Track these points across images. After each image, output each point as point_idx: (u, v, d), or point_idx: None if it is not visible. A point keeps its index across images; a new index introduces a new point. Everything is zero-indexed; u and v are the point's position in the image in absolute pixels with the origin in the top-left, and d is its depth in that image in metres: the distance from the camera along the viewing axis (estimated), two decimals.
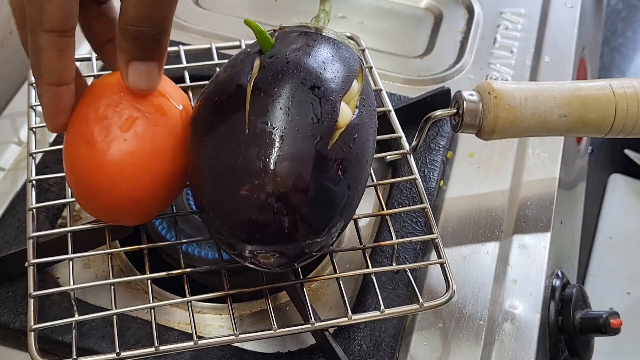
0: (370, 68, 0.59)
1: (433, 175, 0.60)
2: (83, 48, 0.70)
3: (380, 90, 0.57)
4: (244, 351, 0.50)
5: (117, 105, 0.44)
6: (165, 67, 0.59)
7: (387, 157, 0.58)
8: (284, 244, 0.41)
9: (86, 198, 0.46)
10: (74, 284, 0.47)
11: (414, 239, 0.52)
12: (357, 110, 0.45)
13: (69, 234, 0.49)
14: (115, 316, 0.46)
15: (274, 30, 0.49)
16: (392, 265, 0.51)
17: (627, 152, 1.12)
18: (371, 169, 0.54)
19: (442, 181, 0.62)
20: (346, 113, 0.44)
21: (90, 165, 0.44)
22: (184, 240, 0.50)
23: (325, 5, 0.51)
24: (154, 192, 0.45)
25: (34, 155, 0.53)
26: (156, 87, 0.44)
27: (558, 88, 0.54)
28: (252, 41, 0.61)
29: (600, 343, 0.62)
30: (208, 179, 0.43)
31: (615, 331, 0.56)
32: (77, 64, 0.67)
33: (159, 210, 0.47)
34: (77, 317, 0.46)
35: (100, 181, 0.44)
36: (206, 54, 0.61)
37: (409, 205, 0.58)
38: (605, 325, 0.56)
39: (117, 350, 0.44)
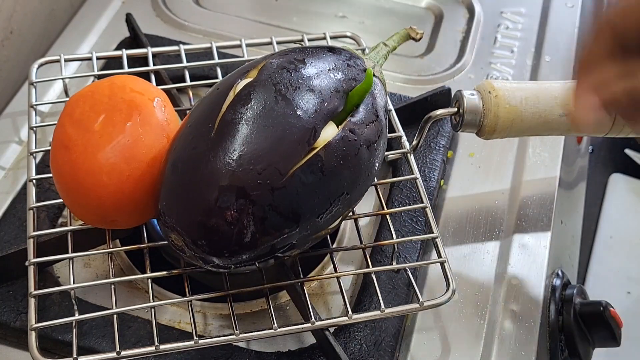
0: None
1: (433, 175, 0.60)
2: (83, 47, 0.71)
3: None
4: (245, 350, 0.50)
5: (90, 109, 0.45)
6: (166, 66, 0.60)
7: (388, 156, 0.58)
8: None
9: (77, 204, 0.46)
10: (74, 283, 0.47)
11: (414, 238, 0.52)
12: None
13: (70, 233, 0.49)
14: (115, 315, 0.46)
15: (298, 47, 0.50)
16: (392, 264, 0.51)
17: (628, 151, 1.12)
18: None
19: (442, 180, 0.62)
20: (323, 139, 0.44)
21: (72, 168, 0.44)
22: None
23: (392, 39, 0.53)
24: (138, 182, 0.45)
25: (34, 154, 0.53)
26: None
27: (558, 87, 0.54)
28: (252, 41, 0.61)
29: None
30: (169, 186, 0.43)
31: (616, 323, 0.56)
32: (77, 63, 0.68)
33: (151, 205, 0.47)
34: (77, 317, 0.46)
35: (84, 181, 0.44)
36: (207, 53, 0.61)
37: (410, 205, 0.58)
38: (605, 314, 0.55)
39: (118, 350, 0.44)
